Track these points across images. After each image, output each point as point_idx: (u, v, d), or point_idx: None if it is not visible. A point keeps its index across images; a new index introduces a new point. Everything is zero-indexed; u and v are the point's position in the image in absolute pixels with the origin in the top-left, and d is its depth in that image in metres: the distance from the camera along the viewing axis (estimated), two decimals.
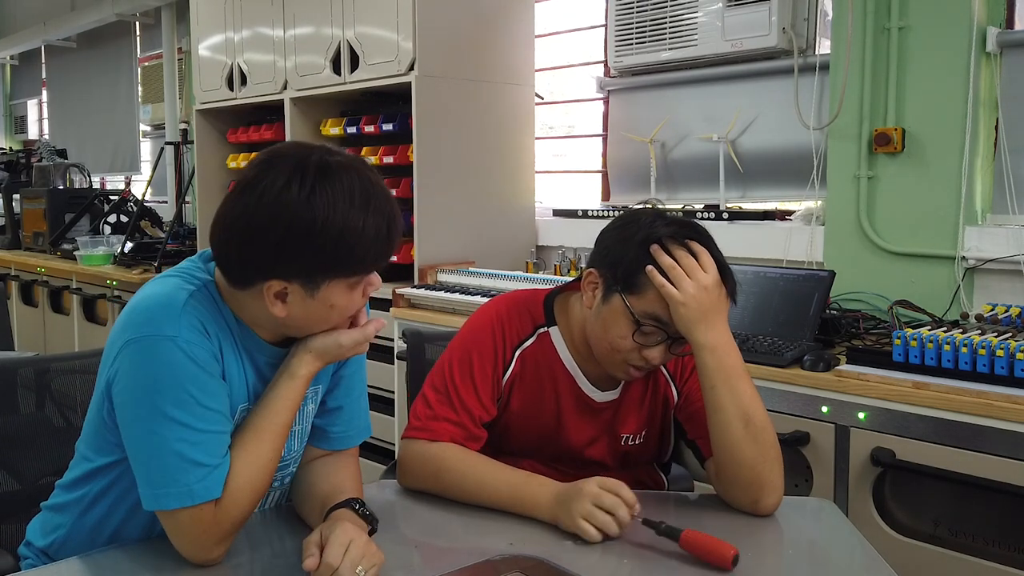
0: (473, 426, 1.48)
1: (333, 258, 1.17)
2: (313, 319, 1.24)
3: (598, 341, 1.46)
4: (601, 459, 1.56)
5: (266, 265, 1.17)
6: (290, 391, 1.25)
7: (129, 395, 1.18)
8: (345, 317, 1.26)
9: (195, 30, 4.38)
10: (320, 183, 1.15)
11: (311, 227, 1.14)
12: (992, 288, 2.45)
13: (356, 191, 1.17)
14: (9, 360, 1.71)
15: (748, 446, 1.36)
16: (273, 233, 1.15)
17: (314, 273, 1.18)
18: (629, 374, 1.46)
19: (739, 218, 3.05)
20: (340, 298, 1.22)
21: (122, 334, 1.19)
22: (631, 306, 1.39)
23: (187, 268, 1.28)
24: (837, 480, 2.03)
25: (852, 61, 2.60)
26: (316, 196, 1.14)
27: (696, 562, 1.21)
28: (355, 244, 1.17)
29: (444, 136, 3.29)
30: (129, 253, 4.61)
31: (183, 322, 1.18)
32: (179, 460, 1.15)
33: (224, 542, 1.19)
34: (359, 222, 1.16)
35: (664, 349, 1.42)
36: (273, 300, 1.20)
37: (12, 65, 8.10)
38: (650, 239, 1.39)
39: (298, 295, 1.19)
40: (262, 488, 1.23)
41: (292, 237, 1.15)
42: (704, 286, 1.36)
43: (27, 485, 1.61)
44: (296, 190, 1.14)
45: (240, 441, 1.22)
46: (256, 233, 1.16)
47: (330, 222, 1.14)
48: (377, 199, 1.19)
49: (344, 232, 1.15)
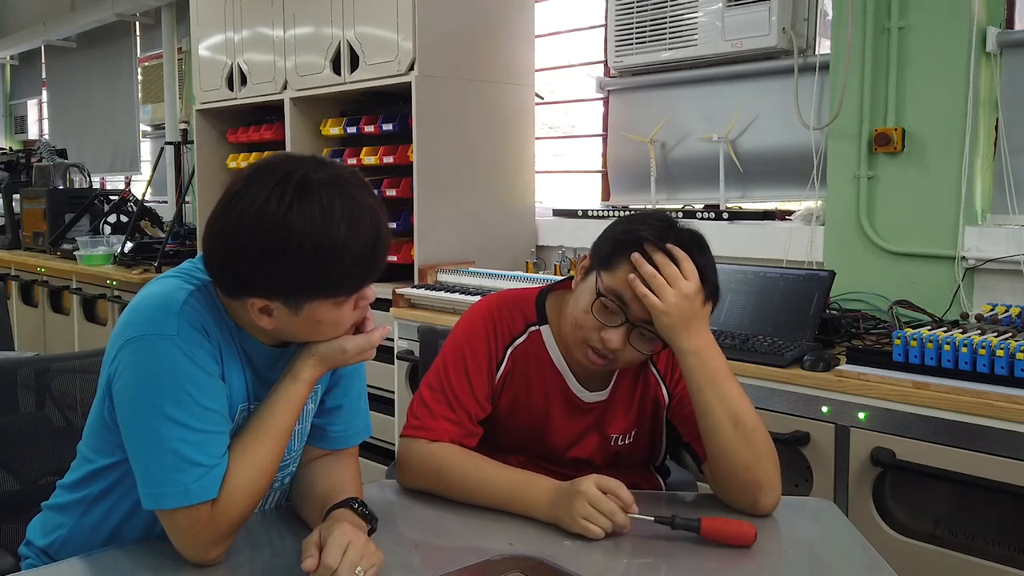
0: (470, 424, 1.49)
1: (310, 278, 1.15)
2: (302, 333, 1.23)
3: (567, 317, 1.47)
4: (589, 458, 1.56)
5: (247, 282, 1.17)
6: (292, 393, 1.25)
7: (128, 394, 1.18)
8: (338, 332, 1.24)
9: (195, 30, 4.38)
10: (299, 200, 1.12)
11: (286, 246, 1.12)
12: (992, 288, 2.45)
13: (336, 209, 1.13)
14: (9, 360, 1.72)
15: (740, 447, 1.37)
16: (251, 251, 1.13)
17: (294, 293, 1.17)
18: (588, 357, 1.44)
19: (739, 218, 3.05)
20: (327, 315, 1.20)
21: (122, 333, 1.20)
22: (601, 280, 1.41)
23: (187, 268, 1.28)
24: (837, 480, 2.03)
25: (852, 61, 2.60)
26: (292, 214, 1.11)
27: (695, 559, 1.21)
28: (333, 264, 1.15)
29: (444, 136, 3.29)
30: (129, 253, 4.61)
31: (182, 321, 1.18)
32: (176, 459, 1.15)
33: (222, 542, 1.19)
34: (338, 241, 1.13)
35: (623, 334, 1.41)
36: (259, 314, 1.19)
37: (12, 65, 8.10)
38: (637, 232, 1.41)
39: (282, 312, 1.19)
40: (261, 489, 1.22)
41: (268, 256, 1.13)
42: (685, 295, 1.37)
43: (27, 485, 1.61)
44: (274, 207, 1.12)
45: (239, 442, 1.22)
46: (235, 251, 1.15)
47: (306, 241, 1.12)
48: (360, 218, 1.15)
49: (320, 251, 1.13)
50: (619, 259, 1.40)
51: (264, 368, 1.29)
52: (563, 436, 1.55)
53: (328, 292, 1.18)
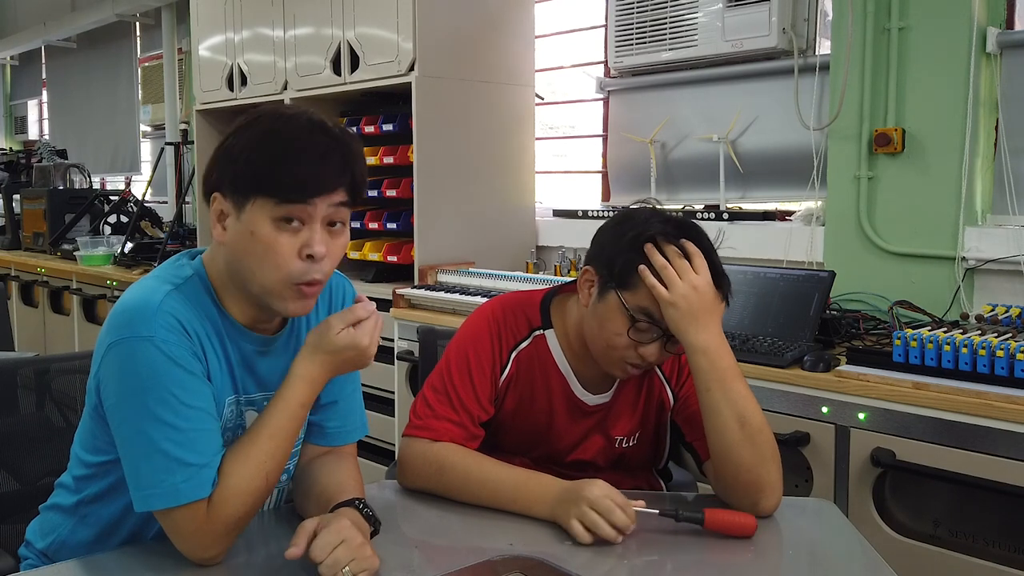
0: (472, 426, 1.49)
1: (261, 164, 1.17)
2: (240, 248, 1.20)
3: (594, 339, 1.46)
4: (592, 460, 1.56)
5: (211, 172, 1.23)
6: (288, 391, 1.23)
7: (115, 398, 1.18)
8: (274, 261, 1.18)
9: (195, 30, 4.38)
10: (287, 111, 1.22)
11: (252, 130, 1.19)
12: (992, 288, 2.45)
13: (311, 116, 1.21)
14: (9, 360, 1.72)
15: (745, 448, 1.36)
16: (229, 137, 1.22)
17: (242, 182, 1.19)
18: (627, 372, 1.46)
19: (739, 218, 3.05)
20: (263, 227, 1.17)
21: (105, 338, 1.20)
22: (625, 302, 1.39)
23: (167, 266, 1.29)
24: (837, 481, 2.03)
25: (852, 61, 2.60)
26: (274, 115, 1.21)
27: (696, 560, 1.21)
28: (284, 153, 1.17)
29: (444, 136, 3.29)
30: (129, 253, 4.61)
31: (158, 322, 1.17)
32: (166, 460, 1.14)
33: (221, 541, 1.18)
34: (295, 134, 1.18)
35: (660, 347, 1.42)
36: (215, 223, 1.22)
37: (12, 65, 8.10)
38: (644, 238, 1.40)
39: (232, 217, 1.21)
40: (259, 489, 1.20)
41: (233, 140, 1.21)
42: (695, 286, 1.36)
43: (27, 485, 1.61)
44: (266, 114, 1.22)
45: (236, 442, 1.22)
46: (221, 145, 1.23)
47: (269, 127, 1.19)
48: (328, 128, 1.21)
49: (279, 137, 1.18)
50: (637, 277, 1.38)
51: (252, 359, 1.29)
52: (567, 438, 1.55)
53: (269, 186, 1.17)
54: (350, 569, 1.09)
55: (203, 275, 1.27)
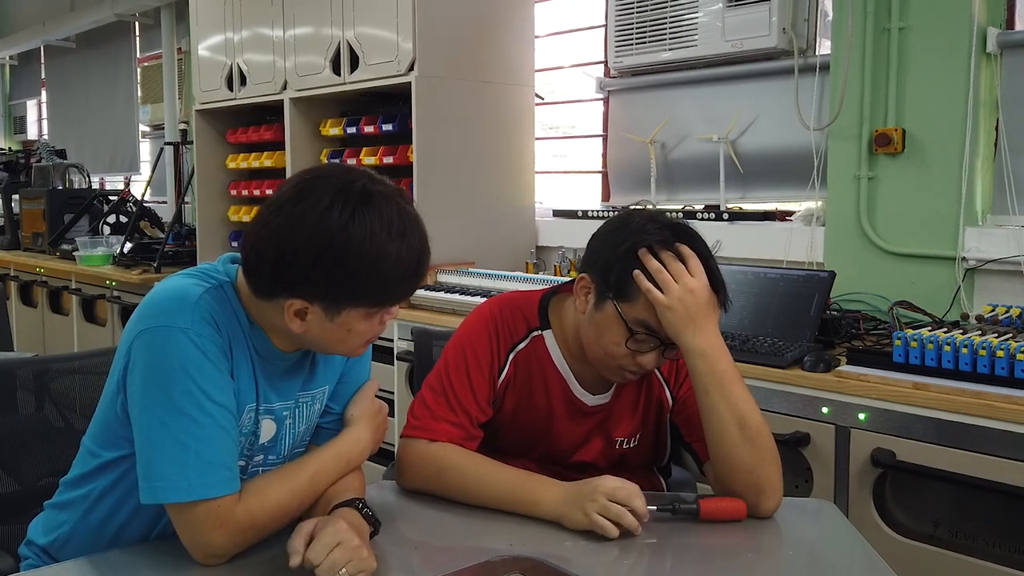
0: (471, 427, 1.48)
1: (361, 286, 1.19)
2: (329, 339, 1.25)
3: (592, 346, 1.46)
4: (593, 461, 1.56)
5: (293, 283, 1.18)
6: (343, 443, 1.34)
7: (140, 385, 1.18)
8: (362, 342, 1.28)
9: (195, 30, 4.38)
10: (360, 209, 1.16)
11: (346, 252, 1.15)
12: (992, 289, 2.45)
13: (395, 223, 1.18)
14: (8, 360, 1.71)
15: (745, 450, 1.36)
16: (308, 253, 1.16)
17: (339, 298, 1.19)
18: (625, 378, 1.47)
19: (739, 218, 3.05)
20: (359, 324, 1.23)
21: (136, 325, 1.21)
22: (624, 313, 1.39)
23: (205, 268, 1.30)
24: (837, 481, 2.03)
25: (852, 62, 2.60)
26: (355, 223, 1.15)
27: (696, 560, 1.21)
28: (386, 276, 1.18)
29: (444, 136, 3.29)
30: (128, 253, 4.61)
31: (196, 315, 1.19)
32: (182, 452, 1.15)
33: (235, 546, 1.19)
34: (393, 254, 1.17)
35: (657, 354, 1.42)
36: (292, 317, 1.21)
37: (12, 65, 8.10)
38: (639, 244, 1.39)
39: (318, 316, 1.20)
40: (289, 510, 1.25)
41: (326, 260, 1.16)
42: (690, 290, 1.36)
43: (26, 486, 1.61)
44: (337, 214, 1.15)
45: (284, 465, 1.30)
46: (291, 251, 1.16)
47: (366, 250, 1.16)
48: (413, 234, 1.20)
49: (378, 263, 1.17)
50: (635, 288, 1.38)
51: (276, 373, 1.30)
52: (567, 439, 1.55)
53: (372, 301, 1.21)
54: (347, 571, 1.10)
55: (236, 286, 1.28)
